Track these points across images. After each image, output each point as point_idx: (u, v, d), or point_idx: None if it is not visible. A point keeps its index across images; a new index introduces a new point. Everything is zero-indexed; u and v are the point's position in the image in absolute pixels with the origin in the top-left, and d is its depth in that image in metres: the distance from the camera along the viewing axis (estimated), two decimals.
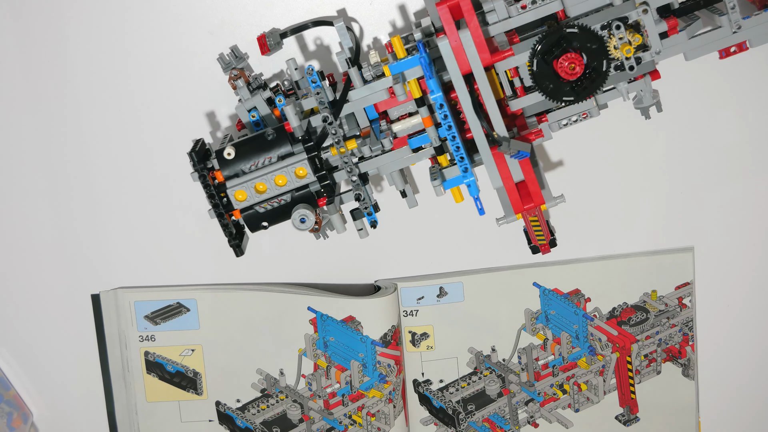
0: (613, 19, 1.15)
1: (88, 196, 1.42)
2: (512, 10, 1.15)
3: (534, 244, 1.29)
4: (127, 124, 1.39)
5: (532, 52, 1.15)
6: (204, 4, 1.35)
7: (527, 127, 1.21)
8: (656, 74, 1.20)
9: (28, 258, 1.46)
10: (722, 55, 1.19)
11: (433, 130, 1.19)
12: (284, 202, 1.21)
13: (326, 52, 1.34)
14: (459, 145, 1.17)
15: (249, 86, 1.24)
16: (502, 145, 1.16)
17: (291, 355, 1.47)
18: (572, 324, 1.47)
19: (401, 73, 1.17)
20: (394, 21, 1.33)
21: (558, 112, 1.21)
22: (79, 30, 1.35)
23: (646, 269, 1.45)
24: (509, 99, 1.20)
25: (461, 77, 1.16)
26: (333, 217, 1.24)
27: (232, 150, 1.19)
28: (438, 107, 1.16)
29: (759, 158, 1.41)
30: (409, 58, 1.17)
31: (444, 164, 1.22)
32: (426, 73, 1.14)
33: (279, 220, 1.23)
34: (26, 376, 1.52)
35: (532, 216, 1.22)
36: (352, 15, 1.34)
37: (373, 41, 1.33)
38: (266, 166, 1.20)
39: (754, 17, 1.17)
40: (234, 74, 1.23)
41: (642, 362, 1.49)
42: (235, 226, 1.23)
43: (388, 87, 1.19)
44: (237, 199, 1.20)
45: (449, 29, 1.14)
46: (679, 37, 1.17)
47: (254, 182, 1.20)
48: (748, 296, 1.48)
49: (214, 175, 1.20)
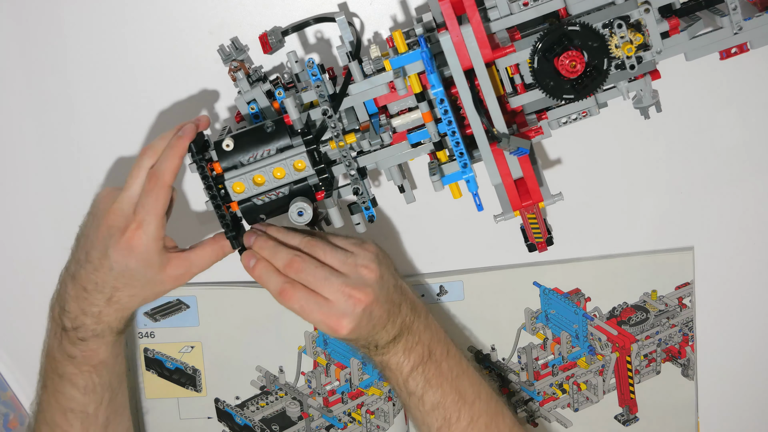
0: (615, 17, 1.14)
1: (89, 194, 1.41)
2: (514, 6, 1.15)
3: (531, 241, 1.29)
4: (127, 123, 1.40)
5: (533, 49, 1.15)
6: (204, 4, 1.35)
7: (527, 124, 1.21)
8: (656, 74, 1.20)
9: (28, 256, 1.47)
10: (723, 56, 1.19)
11: (432, 125, 1.19)
12: (282, 194, 1.21)
13: (327, 46, 1.35)
14: (459, 141, 1.17)
15: (249, 78, 1.24)
16: (501, 142, 1.16)
17: (290, 353, 1.47)
18: (572, 323, 1.47)
19: (402, 67, 1.17)
20: (394, 16, 1.34)
21: (558, 110, 1.21)
22: (78, 29, 1.36)
23: (646, 269, 1.45)
24: (509, 96, 1.20)
25: (462, 73, 1.16)
26: (330, 211, 1.24)
27: (230, 141, 1.19)
28: (438, 102, 1.15)
29: (759, 159, 1.41)
30: (410, 52, 1.16)
31: (443, 160, 1.22)
32: (427, 67, 1.14)
33: (277, 212, 1.23)
34: (24, 377, 1.53)
35: (530, 213, 1.22)
36: (353, 15, 1.34)
37: (373, 35, 1.34)
38: (265, 158, 1.19)
39: (756, 19, 1.16)
40: (234, 66, 1.23)
41: (642, 362, 1.49)
42: (233, 219, 1.23)
43: (388, 81, 1.18)
44: (235, 191, 1.20)
45: (451, 24, 1.14)
46: (681, 37, 1.17)
47: (252, 174, 1.19)
48: (748, 296, 1.49)
49: (213, 166, 1.20)
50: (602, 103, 1.21)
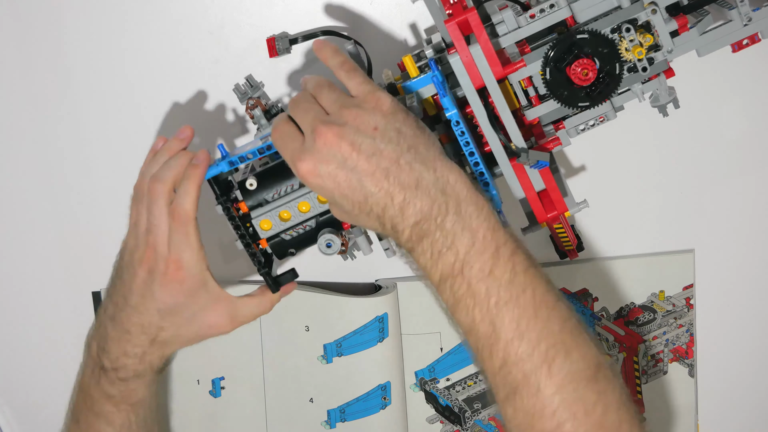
0: (623, 21, 1.14)
1: (89, 195, 1.44)
2: (521, 20, 1.15)
3: (561, 250, 1.29)
4: (126, 123, 1.40)
5: (544, 60, 1.15)
6: (204, 4, 1.35)
7: (545, 135, 1.21)
8: (670, 72, 1.19)
9: (29, 256, 1.47)
10: (735, 48, 1.18)
11: (450, 146, 1.19)
12: (309, 228, 1.22)
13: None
14: (478, 160, 1.17)
15: (266, 114, 1.24)
16: (520, 157, 1.16)
17: (291, 351, 1.48)
18: None
19: (415, 92, 1.17)
20: (395, 17, 1.34)
21: (574, 118, 1.20)
22: (78, 29, 1.37)
23: (653, 270, 1.45)
24: (525, 109, 1.20)
25: (475, 92, 1.16)
26: (359, 239, 1.24)
27: (254, 180, 1.20)
28: (454, 124, 1.15)
29: (759, 160, 1.41)
30: (422, 76, 1.16)
31: None
32: (439, 91, 1.14)
33: (305, 245, 1.24)
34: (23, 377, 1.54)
35: (557, 224, 1.22)
36: (353, 15, 1.35)
37: (384, 59, 1.33)
38: (289, 193, 1.20)
39: (765, 8, 1.15)
40: (251, 104, 1.24)
41: (649, 362, 1.49)
42: (264, 255, 1.23)
43: None
44: (263, 228, 1.21)
45: (459, 46, 1.14)
46: (690, 34, 1.16)
47: (278, 210, 1.20)
48: (747, 300, 1.48)
49: (238, 206, 1.21)
50: (619, 106, 1.21)
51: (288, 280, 1.24)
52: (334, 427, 1.48)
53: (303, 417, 1.49)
